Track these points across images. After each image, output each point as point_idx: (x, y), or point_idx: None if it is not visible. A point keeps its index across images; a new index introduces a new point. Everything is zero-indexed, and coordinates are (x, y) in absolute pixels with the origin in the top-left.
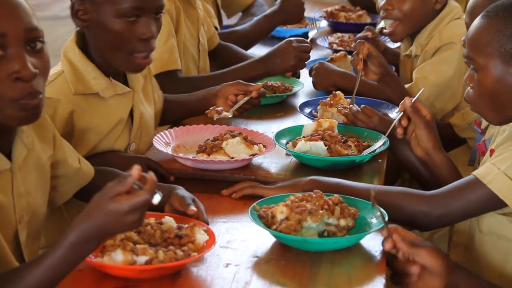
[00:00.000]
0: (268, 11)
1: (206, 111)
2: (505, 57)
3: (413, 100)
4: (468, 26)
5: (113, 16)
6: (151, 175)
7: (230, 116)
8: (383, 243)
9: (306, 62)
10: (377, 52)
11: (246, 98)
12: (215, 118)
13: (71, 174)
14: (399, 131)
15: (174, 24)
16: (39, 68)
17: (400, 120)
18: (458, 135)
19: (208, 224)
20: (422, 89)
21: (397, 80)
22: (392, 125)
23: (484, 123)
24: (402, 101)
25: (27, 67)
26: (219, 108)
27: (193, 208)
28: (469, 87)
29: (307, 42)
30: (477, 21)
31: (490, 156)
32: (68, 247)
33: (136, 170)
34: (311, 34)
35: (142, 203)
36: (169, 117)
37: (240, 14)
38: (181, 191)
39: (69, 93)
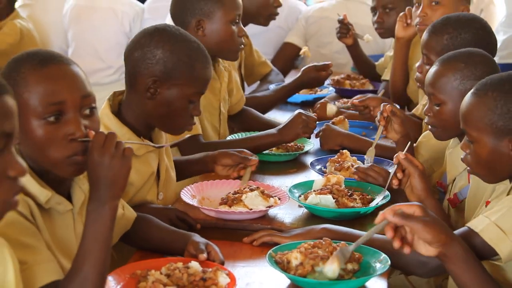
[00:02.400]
0: (289, 82)
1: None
2: (497, 132)
3: (404, 151)
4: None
5: (185, 97)
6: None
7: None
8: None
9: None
10: (401, 112)
11: (249, 171)
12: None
13: (116, 218)
14: (395, 182)
15: None
16: (90, 129)
17: (395, 172)
18: None
19: (223, 262)
20: (409, 142)
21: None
22: (390, 177)
23: (450, 179)
24: (396, 155)
25: (81, 130)
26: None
27: (204, 255)
28: (465, 153)
29: (314, 115)
30: (468, 98)
31: (486, 206)
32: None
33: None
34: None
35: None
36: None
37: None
38: (196, 237)
39: None
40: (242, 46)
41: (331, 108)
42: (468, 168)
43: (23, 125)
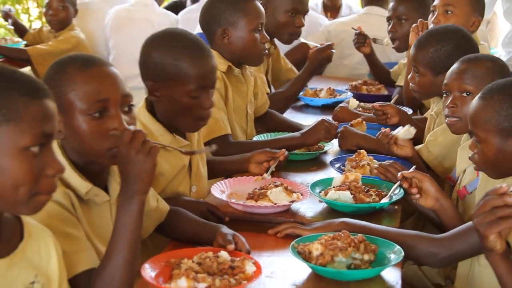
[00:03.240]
0: (301, 71)
1: (255, 178)
2: (503, 132)
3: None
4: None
5: (184, 95)
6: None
7: (268, 178)
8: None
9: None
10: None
11: (276, 163)
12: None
13: (150, 211)
14: (414, 191)
15: (223, 99)
16: (129, 124)
17: (402, 185)
18: None
19: (249, 252)
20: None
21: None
22: (394, 187)
23: (460, 171)
24: (399, 173)
25: (123, 124)
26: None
27: (232, 246)
28: (473, 152)
29: (335, 123)
30: (476, 102)
31: None
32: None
33: None
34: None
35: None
36: (211, 175)
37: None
38: (224, 229)
39: None
40: (266, 52)
41: (354, 102)
42: (475, 165)
43: (69, 121)
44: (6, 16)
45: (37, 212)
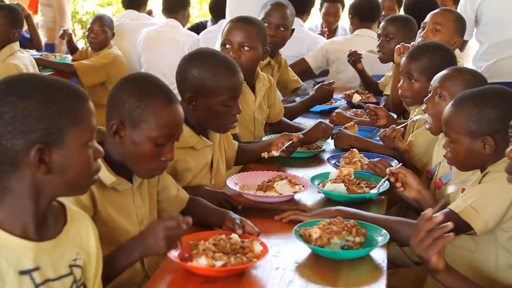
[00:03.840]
0: (308, 97)
1: (263, 154)
2: (471, 134)
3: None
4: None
5: (218, 104)
6: (186, 219)
7: (276, 155)
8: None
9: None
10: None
11: (288, 143)
12: (266, 157)
13: (171, 198)
14: (398, 185)
15: None
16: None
17: (389, 179)
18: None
19: (259, 234)
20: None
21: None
22: (382, 181)
23: (435, 163)
24: (388, 169)
25: (173, 156)
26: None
27: (240, 231)
28: (446, 151)
29: (331, 125)
30: (449, 108)
31: (462, 193)
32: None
33: (180, 218)
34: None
35: (172, 232)
36: (241, 160)
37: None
38: (232, 214)
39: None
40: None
41: (357, 97)
42: (448, 161)
43: (134, 136)
44: (64, 34)
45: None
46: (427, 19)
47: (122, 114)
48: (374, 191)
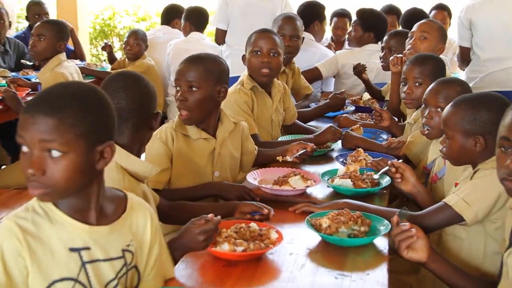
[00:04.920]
0: (323, 103)
1: (279, 157)
2: (466, 133)
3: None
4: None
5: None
6: (217, 218)
7: (289, 160)
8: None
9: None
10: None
11: (301, 151)
12: (280, 161)
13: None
14: (398, 175)
15: (250, 109)
16: None
17: (390, 170)
18: None
19: (269, 213)
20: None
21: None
22: (384, 169)
23: (431, 160)
24: (389, 161)
25: None
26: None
27: (265, 210)
28: (442, 146)
29: (340, 130)
30: (448, 108)
31: (455, 186)
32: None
33: (210, 216)
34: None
35: (208, 229)
36: (259, 162)
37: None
38: (244, 203)
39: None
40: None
41: (366, 95)
42: (443, 155)
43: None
44: (105, 46)
45: None
46: (414, 28)
47: None
48: (376, 176)
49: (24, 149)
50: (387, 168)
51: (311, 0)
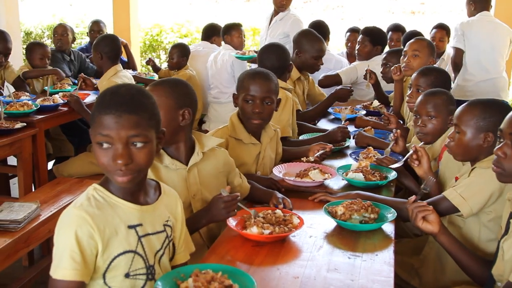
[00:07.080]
0: (328, 96)
1: (303, 158)
2: (477, 129)
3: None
4: (416, 79)
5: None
6: (236, 194)
7: (311, 160)
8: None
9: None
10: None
11: (321, 151)
12: (304, 161)
13: (236, 187)
14: (415, 157)
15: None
16: None
17: (411, 156)
18: None
19: (292, 209)
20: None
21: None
22: (407, 156)
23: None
24: (414, 145)
25: None
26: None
27: (281, 205)
28: (449, 140)
29: (348, 129)
30: (465, 105)
31: (456, 181)
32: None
33: (228, 188)
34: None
35: (230, 203)
36: (285, 158)
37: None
38: (278, 194)
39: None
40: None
41: (376, 102)
42: (448, 150)
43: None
44: (149, 61)
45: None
46: (406, 48)
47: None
48: (399, 163)
49: (105, 145)
50: (412, 151)
51: (320, 20)
